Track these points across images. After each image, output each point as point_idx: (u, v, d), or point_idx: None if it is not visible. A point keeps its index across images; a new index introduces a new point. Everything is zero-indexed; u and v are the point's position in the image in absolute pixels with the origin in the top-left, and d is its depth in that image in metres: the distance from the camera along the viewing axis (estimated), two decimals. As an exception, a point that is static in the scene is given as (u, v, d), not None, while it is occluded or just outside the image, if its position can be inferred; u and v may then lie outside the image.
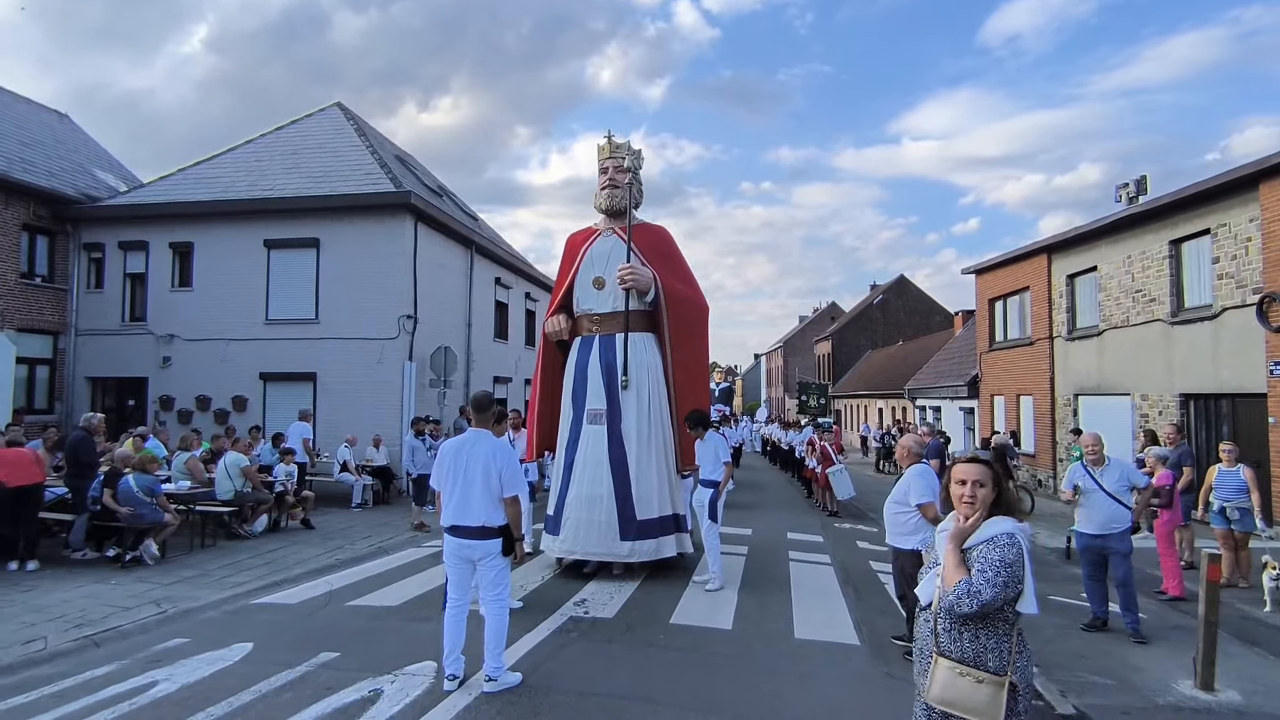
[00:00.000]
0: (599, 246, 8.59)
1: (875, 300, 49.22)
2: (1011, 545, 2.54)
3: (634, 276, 7.98)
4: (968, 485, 2.68)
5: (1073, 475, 6.38)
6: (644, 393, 8.04)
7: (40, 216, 15.09)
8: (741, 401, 67.98)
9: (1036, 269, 17.52)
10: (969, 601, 2.44)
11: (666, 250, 8.82)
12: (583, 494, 7.75)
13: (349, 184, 15.10)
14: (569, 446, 8.12)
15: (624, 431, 7.89)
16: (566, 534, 7.72)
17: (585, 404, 8.09)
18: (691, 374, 8.59)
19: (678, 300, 8.40)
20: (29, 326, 14.75)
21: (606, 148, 8.85)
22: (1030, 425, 17.92)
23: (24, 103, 18.61)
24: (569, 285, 8.67)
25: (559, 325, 8.56)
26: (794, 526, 11.73)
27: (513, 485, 4.58)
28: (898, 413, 30.64)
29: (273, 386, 14.71)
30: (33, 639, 5.43)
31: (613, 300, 8.27)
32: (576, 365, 8.36)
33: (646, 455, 7.87)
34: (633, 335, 8.11)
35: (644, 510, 7.67)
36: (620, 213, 8.56)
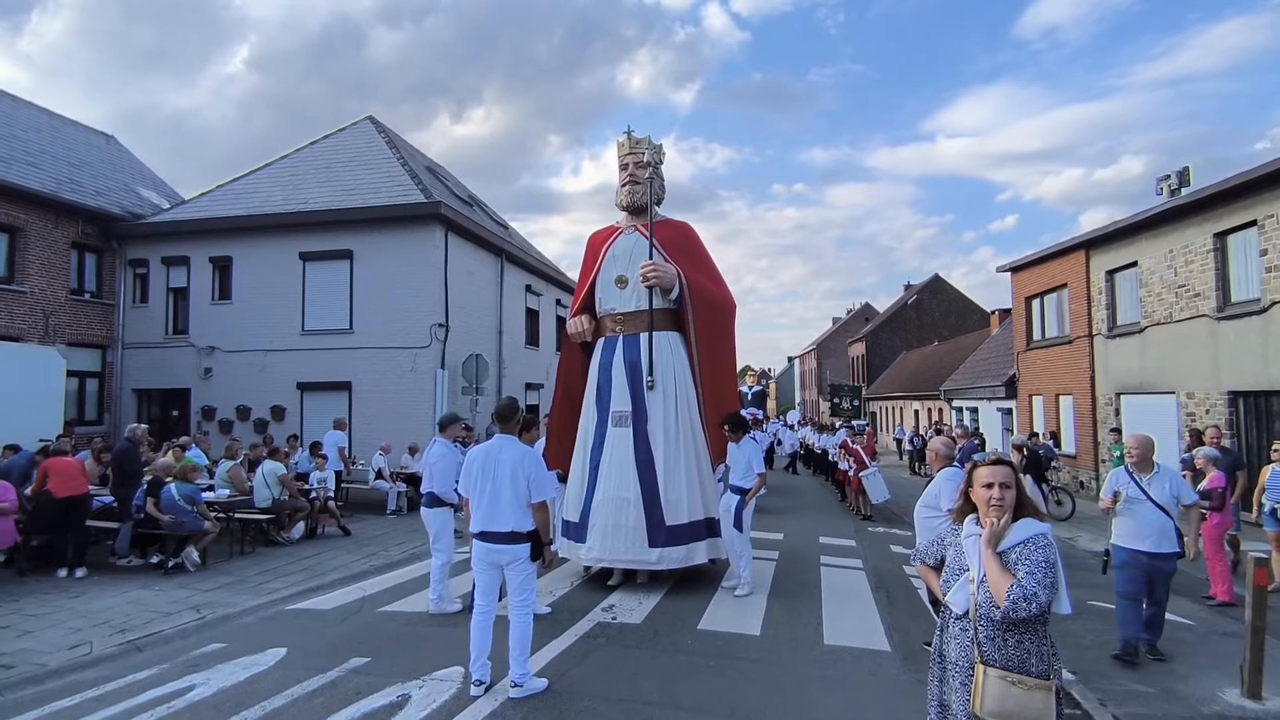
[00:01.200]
0: (621, 244, 8.36)
1: (909, 300, 48.50)
2: (1050, 546, 2.55)
3: (657, 273, 7.74)
4: (995, 488, 2.64)
5: (1114, 481, 5.60)
6: (670, 393, 7.77)
7: (88, 235, 15.66)
8: (775, 405, 67.44)
9: (1074, 265, 17.09)
10: (1027, 606, 2.40)
11: (690, 246, 8.54)
12: (609, 497, 7.48)
13: (380, 196, 15.38)
14: (594, 450, 7.85)
15: (650, 433, 7.63)
16: (594, 540, 7.44)
17: (610, 406, 7.86)
18: (719, 373, 8.30)
19: (703, 297, 8.11)
20: (79, 341, 15.30)
21: (626, 144, 8.63)
22: (1070, 425, 17.47)
23: (72, 126, 19.33)
24: (591, 285, 8.47)
25: (581, 326, 8.34)
26: (826, 530, 11.59)
27: (541, 490, 4.62)
28: (934, 414, 30.11)
29: (309, 396, 15.03)
30: (79, 644, 5.62)
31: (636, 299, 8.04)
32: (600, 366, 8.12)
33: (675, 457, 7.58)
34: (657, 334, 7.88)
35: (673, 515, 7.38)
36: (642, 209, 8.33)
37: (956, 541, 2.77)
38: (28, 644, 5.62)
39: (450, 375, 14.62)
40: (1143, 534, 5.35)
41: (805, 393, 68.42)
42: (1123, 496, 5.45)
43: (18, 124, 16.71)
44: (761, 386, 27.10)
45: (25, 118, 17.40)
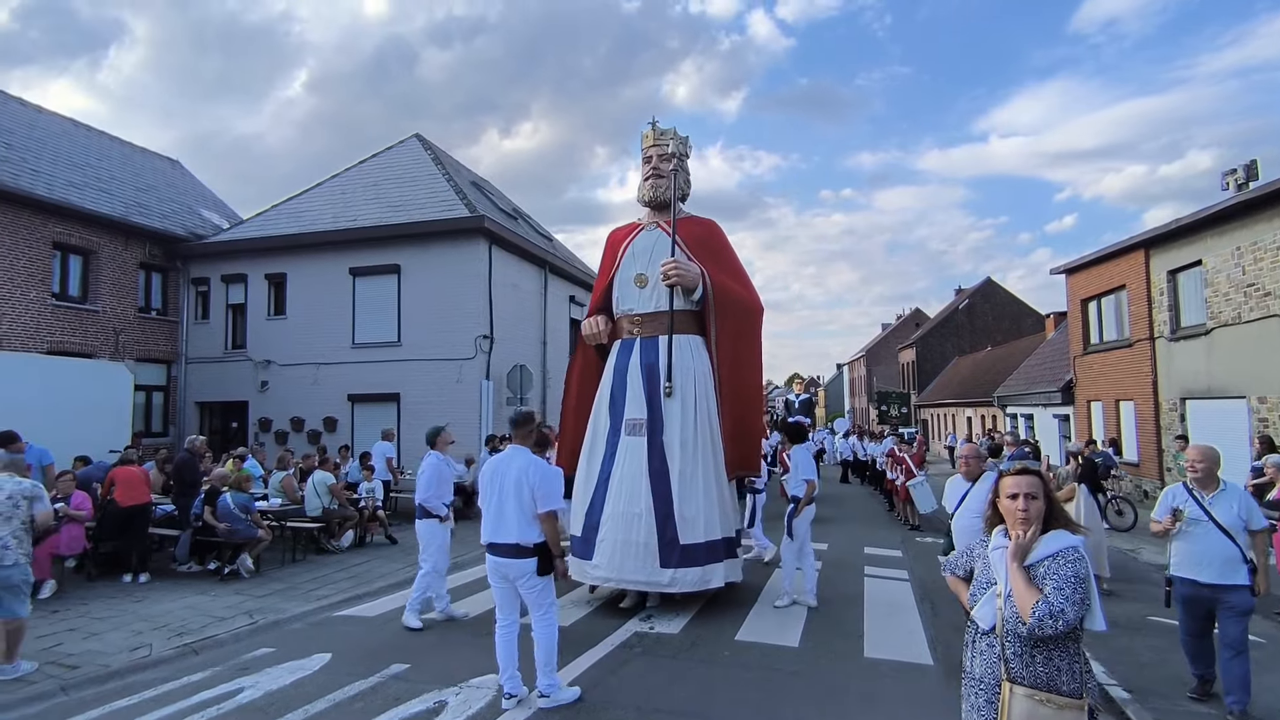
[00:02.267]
0: (641, 241, 7.85)
1: (961, 305, 47.31)
2: (1080, 560, 2.43)
3: (679, 271, 7.18)
4: (1019, 499, 2.55)
5: (1171, 498, 4.82)
6: (690, 401, 7.18)
7: (155, 255, 16.44)
8: (824, 413, 66.48)
9: (1133, 266, 16.44)
10: (1053, 623, 2.32)
11: (715, 244, 8.00)
12: (619, 511, 6.90)
13: (426, 211, 15.76)
14: (604, 460, 7.27)
15: (666, 443, 7.06)
16: (601, 557, 6.85)
17: (624, 413, 7.30)
18: (743, 380, 7.67)
19: (728, 298, 7.53)
20: (146, 356, 16.05)
21: (650, 135, 8.11)
22: (1132, 432, 16.76)
23: (141, 152, 20.37)
24: (609, 284, 7.99)
25: (597, 327, 7.80)
26: (872, 540, 11.36)
27: (547, 500, 4.48)
28: (987, 421, 29.26)
29: (360, 407, 15.45)
30: (140, 646, 5.88)
31: (656, 299, 7.52)
32: (615, 370, 7.58)
33: (692, 470, 7.00)
34: (677, 337, 7.33)
35: (688, 533, 6.78)
36: (665, 205, 7.80)
37: (985, 553, 2.69)
38: (93, 645, 5.90)
39: (495, 386, 14.85)
40: (1204, 561, 4.59)
41: (854, 400, 67.25)
42: (1184, 516, 4.67)
43: (92, 152, 17.69)
44: (809, 394, 26.72)
45: (98, 146, 18.41)
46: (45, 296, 13.91)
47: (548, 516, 4.49)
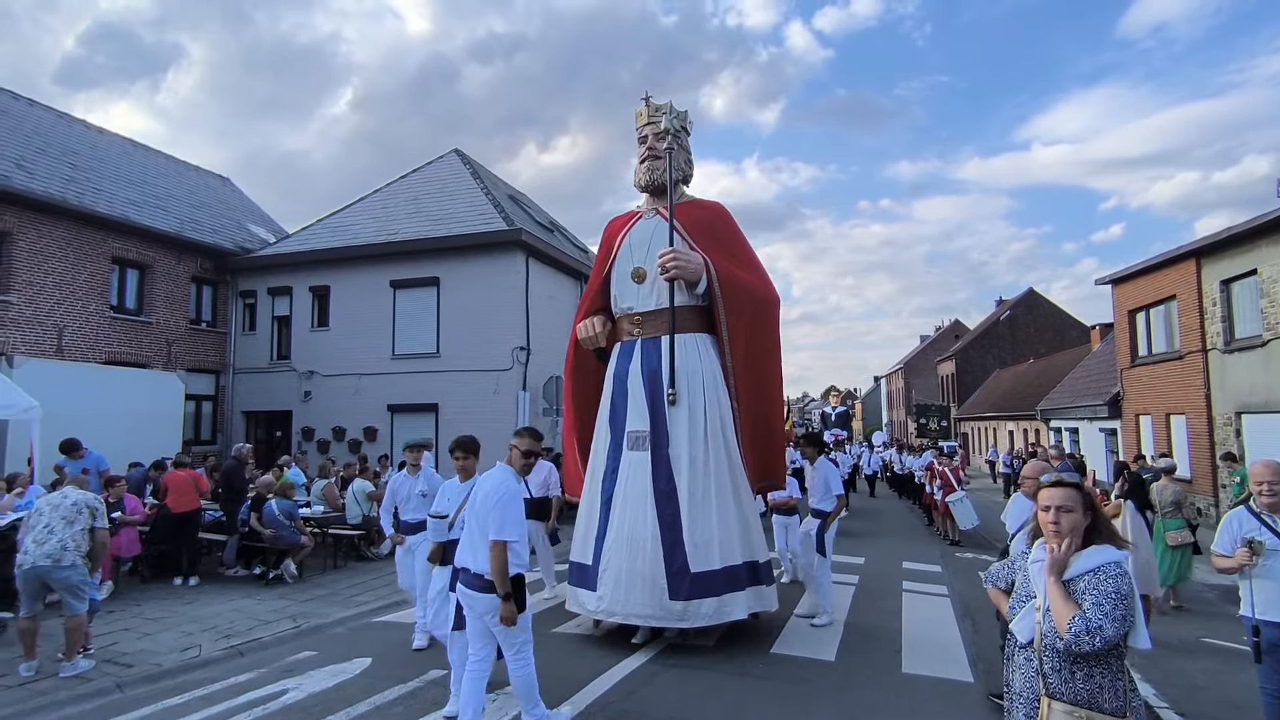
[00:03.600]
0: (639, 231, 6.98)
1: (1002, 316, 46.33)
2: (1123, 575, 2.37)
3: (677, 263, 6.32)
4: (1051, 511, 2.53)
5: (1237, 526, 4.04)
6: (698, 408, 6.38)
7: (206, 269, 17.04)
8: (861, 426, 65.57)
9: (1184, 275, 15.96)
10: (1089, 640, 2.27)
11: (722, 229, 7.09)
12: (623, 536, 6.16)
13: (465, 225, 16.07)
14: (606, 479, 6.53)
15: (673, 458, 6.26)
16: (605, 587, 6.12)
17: (625, 425, 6.54)
18: (761, 380, 6.85)
19: (737, 289, 6.65)
20: (196, 367, 16.61)
21: (643, 113, 7.23)
22: (1184, 448, 16.20)
23: (194, 170, 21.16)
24: (605, 280, 7.15)
25: (593, 330, 6.98)
26: (910, 555, 11.18)
27: (499, 527, 3.95)
28: (1029, 435, 28.56)
29: (399, 417, 15.74)
30: (189, 647, 6.07)
31: (656, 295, 6.67)
32: (615, 376, 6.82)
33: (703, 488, 6.19)
34: (682, 337, 6.48)
35: (701, 559, 5.98)
36: (663, 189, 6.93)
37: (1026, 565, 2.67)
38: (146, 645, 6.12)
39: (531, 397, 15.01)
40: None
41: (893, 413, 66.20)
42: (1264, 548, 3.84)
43: (149, 171, 18.44)
44: (846, 407, 26.44)
45: (155, 165, 19.18)
46: (104, 309, 14.50)
47: (494, 545, 3.94)
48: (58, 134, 16.42)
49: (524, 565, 4.09)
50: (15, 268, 12.92)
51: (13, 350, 12.51)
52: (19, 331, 12.88)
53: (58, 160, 15.20)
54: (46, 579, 5.38)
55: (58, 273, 13.62)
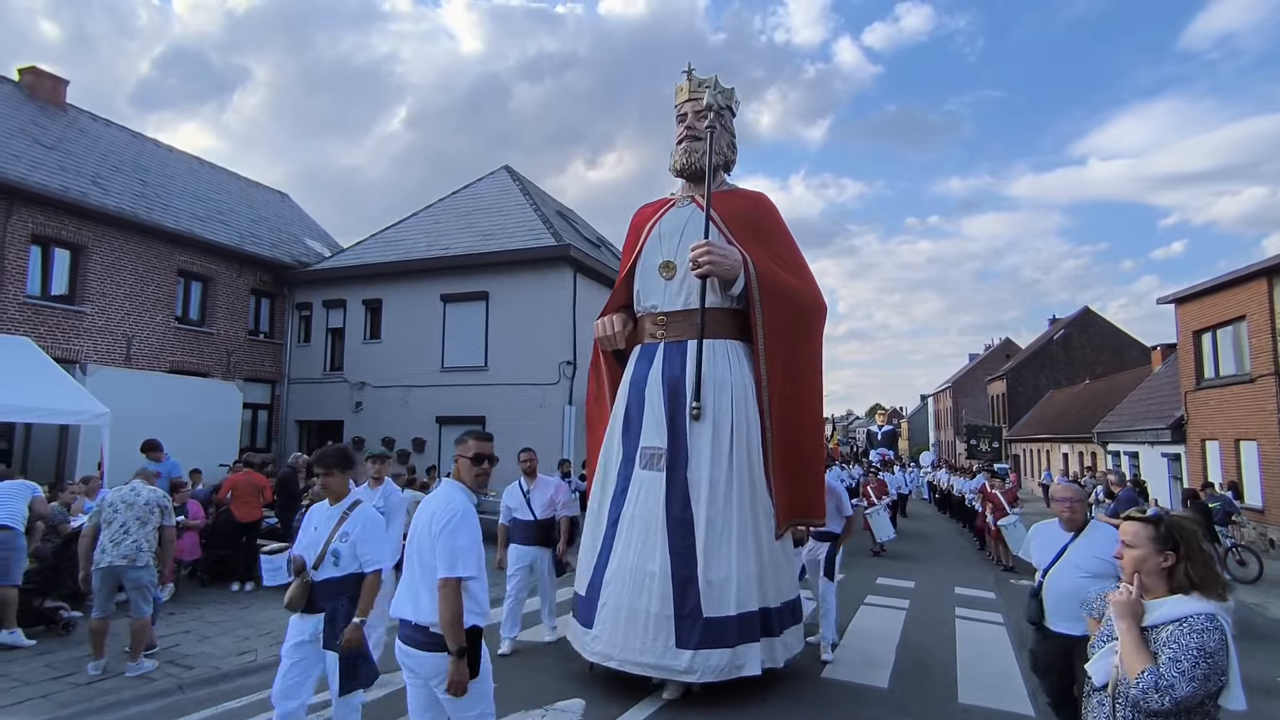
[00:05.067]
0: (670, 220, 6.16)
1: (1056, 335, 45.01)
2: (1213, 630, 2.14)
3: (710, 256, 5.49)
4: (1119, 547, 2.41)
5: None
6: (724, 425, 5.52)
7: (264, 282, 17.64)
8: (908, 446, 64.24)
9: (1254, 295, 15.29)
10: (1159, 698, 2.09)
11: (765, 224, 6.24)
12: (626, 567, 5.33)
13: (514, 240, 16.32)
14: (615, 499, 5.71)
15: (692, 482, 5.40)
16: (602, 626, 5.31)
17: (639, 439, 5.71)
18: (800, 399, 5.93)
19: (778, 292, 5.79)
20: (253, 376, 17.16)
21: (684, 88, 6.38)
22: (1256, 475, 15.44)
23: (254, 186, 21.97)
24: (630, 274, 6.33)
25: (612, 328, 6.18)
26: (962, 581, 10.86)
27: (450, 561, 2.98)
28: (1085, 458, 27.59)
29: (447, 429, 15.98)
30: (246, 651, 6.23)
31: (685, 294, 5.86)
32: (632, 382, 5.97)
33: (724, 519, 5.33)
34: (712, 343, 5.70)
35: (715, 603, 5.11)
36: (701, 174, 6.06)
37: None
38: (206, 648, 6.30)
39: (577, 411, 15.09)
40: None
41: (940, 433, 64.70)
42: None
43: (212, 187, 19.22)
44: (892, 426, 25.97)
45: (218, 181, 19.98)
46: (169, 320, 15.10)
47: (444, 585, 2.95)
48: (130, 152, 17.24)
49: (483, 613, 3.07)
50: (90, 279, 13.56)
51: (85, 359, 13.10)
52: (91, 340, 13.49)
53: (130, 177, 15.94)
54: (121, 578, 5.58)
55: (128, 284, 14.25)
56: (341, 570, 3.76)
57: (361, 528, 3.78)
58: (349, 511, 3.85)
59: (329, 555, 3.75)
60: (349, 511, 3.85)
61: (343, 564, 3.75)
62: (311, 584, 3.77)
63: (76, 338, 13.26)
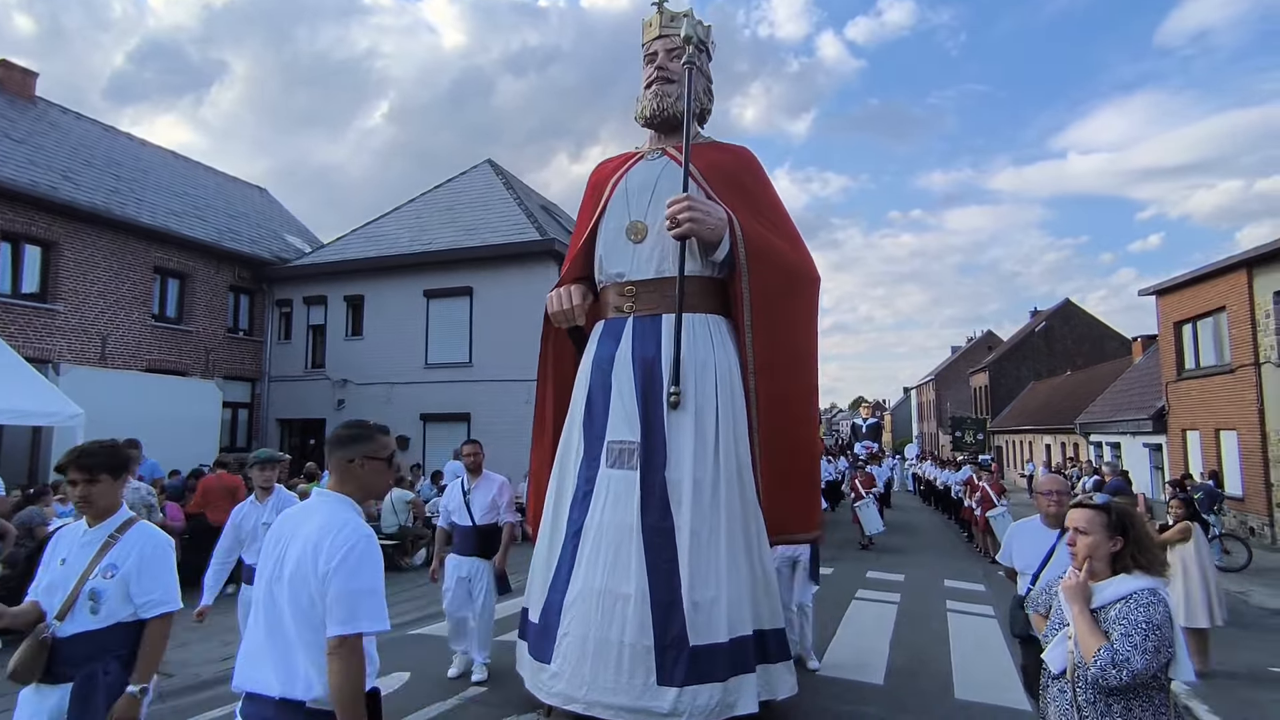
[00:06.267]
0: (639, 175, 5.19)
1: (1037, 328, 45.46)
2: (1157, 604, 2.25)
3: (693, 214, 4.52)
4: (1070, 533, 2.46)
5: None
6: (708, 415, 4.60)
7: (243, 278, 17.32)
8: (891, 438, 64.70)
9: (1234, 286, 15.46)
10: (1116, 673, 2.17)
11: (750, 182, 5.28)
12: (593, 588, 4.32)
13: (498, 235, 16.13)
14: (574, 505, 4.71)
15: (671, 484, 4.45)
16: (562, 662, 4.29)
17: (605, 432, 4.71)
18: (789, 388, 4.94)
19: (768, 258, 4.84)
20: (233, 374, 16.86)
21: (654, 22, 5.37)
22: (1236, 464, 15.65)
23: (232, 181, 21.56)
24: (590, 238, 5.35)
25: (568, 301, 5.11)
26: (952, 573, 10.89)
27: (350, 612, 2.08)
28: (1067, 449, 27.88)
29: (431, 426, 15.79)
30: (227, 657, 6.06)
31: (658, 259, 4.89)
32: (595, 364, 4.96)
33: (711, 527, 4.39)
34: (692, 318, 4.75)
35: (704, 628, 4.17)
36: (675, 124, 5.12)
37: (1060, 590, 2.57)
38: (185, 655, 6.13)
39: (562, 407, 14.98)
40: None
41: (923, 425, 65.24)
42: None
43: (189, 182, 18.82)
44: (876, 419, 26.06)
45: (195, 176, 19.58)
46: (146, 317, 14.77)
47: (338, 648, 2.06)
48: (102, 146, 16.83)
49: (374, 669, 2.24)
50: (62, 277, 13.21)
51: (58, 358, 12.77)
52: (64, 340, 13.16)
53: (102, 172, 15.56)
54: None
55: (102, 282, 13.91)
56: (102, 620, 2.56)
57: (138, 557, 2.62)
58: (119, 534, 2.65)
59: (82, 598, 2.56)
60: (119, 534, 2.65)
61: (105, 610, 2.56)
62: (52, 641, 2.53)
63: (49, 337, 12.92)
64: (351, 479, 2.36)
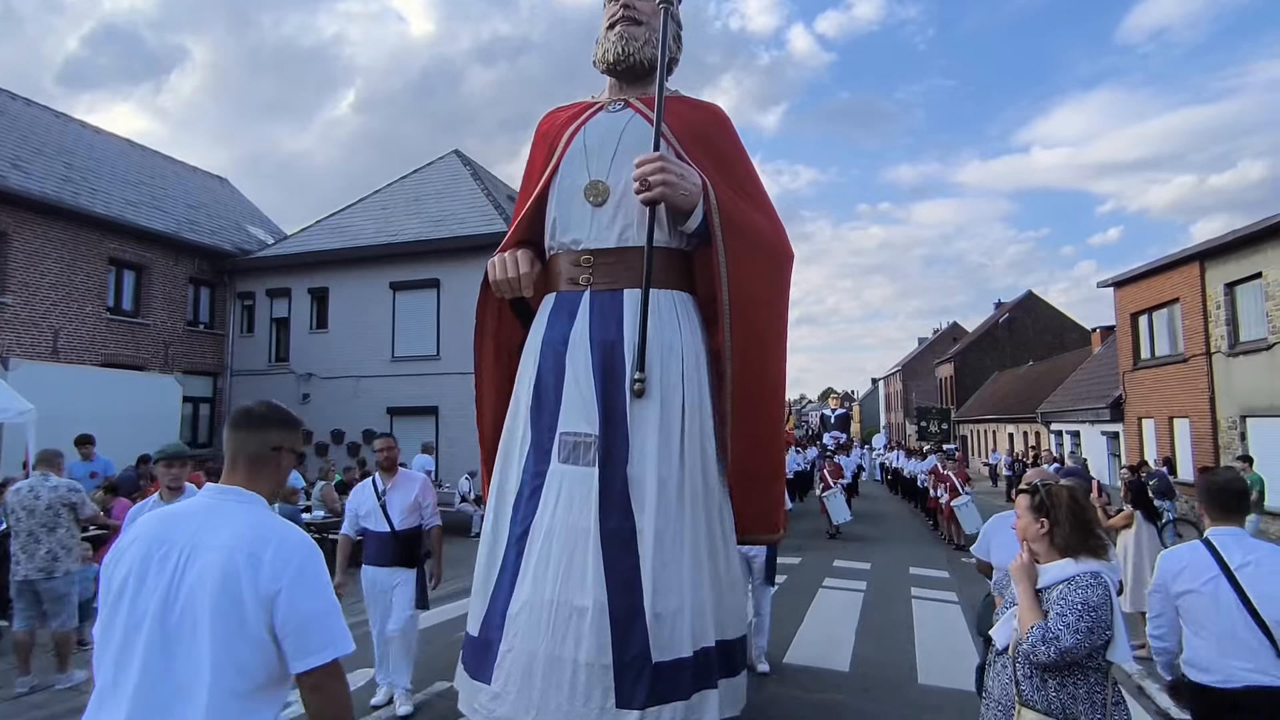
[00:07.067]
0: (600, 127, 4.36)
1: (1001, 319, 46.37)
2: (1096, 586, 2.34)
3: (666, 175, 3.85)
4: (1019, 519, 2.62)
5: None
6: (674, 406, 4.00)
7: (203, 270, 16.91)
8: (860, 428, 65.59)
9: (1187, 279, 15.93)
10: (1045, 649, 2.27)
11: (725, 145, 4.56)
12: (542, 600, 3.74)
13: (465, 226, 15.95)
14: (519, 504, 4.06)
15: (633, 481, 3.87)
16: (504, 680, 3.71)
17: (558, 423, 4.05)
18: (762, 376, 4.35)
19: (745, 231, 4.23)
20: (193, 369, 16.46)
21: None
22: (1188, 451, 16.16)
23: (191, 171, 21.01)
24: (540, 198, 4.45)
25: (513, 269, 4.28)
26: (917, 560, 11.08)
27: (325, 636, 1.74)
28: (1030, 438, 28.53)
29: (399, 420, 15.60)
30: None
31: (621, 225, 4.16)
32: (545, 344, 4.23)
33: (675, 529, 3.85)
34: (657, 294, 4.08)
35: (667, 642, 3.66)
36: (641, 71, 4.39)
37: None
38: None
39: (532, 400, 14.91)
40: None
41: (890, 416, 66.25)
42: None
43: (146, 171, 18.28)
44: (845, 409, 26.38)
45: (152, 165, 19.03)
46: (100, 310, 14.34)
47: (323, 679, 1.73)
48: (54, 134, 16.26)
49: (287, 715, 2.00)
50: (10, 269, 12.77)
51: (7, 353, 12.35)
52: (14, 334, 12.73)
53: (53, 160, 15.04)
54: (38, 589, 5.24)
55: (54, 274, 13.47)
56: None
57: None
58: None
59: None
60: None
61: None
62: None
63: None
64: (268, 473, 1.93)
